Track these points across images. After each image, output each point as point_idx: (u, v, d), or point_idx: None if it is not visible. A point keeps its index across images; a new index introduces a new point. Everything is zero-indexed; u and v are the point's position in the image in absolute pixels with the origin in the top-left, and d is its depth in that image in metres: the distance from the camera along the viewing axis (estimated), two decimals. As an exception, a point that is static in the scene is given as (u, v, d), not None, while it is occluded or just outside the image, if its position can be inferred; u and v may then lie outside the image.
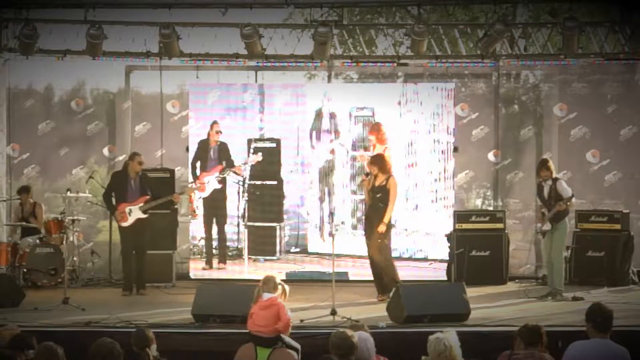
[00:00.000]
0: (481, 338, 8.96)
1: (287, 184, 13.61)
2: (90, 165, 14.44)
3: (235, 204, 13.53)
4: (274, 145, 13.55)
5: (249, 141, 13.49)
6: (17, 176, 14.29)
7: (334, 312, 9.97)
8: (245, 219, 13.53)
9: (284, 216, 13.64)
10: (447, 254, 13.10)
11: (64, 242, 12.52)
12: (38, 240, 12.78)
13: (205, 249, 13.57)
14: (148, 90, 14.73)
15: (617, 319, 6.84)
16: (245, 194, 13.50)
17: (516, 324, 7.73)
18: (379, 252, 11.48)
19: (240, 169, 13.29)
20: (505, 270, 13.06)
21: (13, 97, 14.31)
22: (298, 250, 13.65)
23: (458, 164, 13.62)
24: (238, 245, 13.63)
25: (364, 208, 12.41)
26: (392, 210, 11.45)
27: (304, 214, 13.70)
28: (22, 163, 14.37)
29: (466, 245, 12.91)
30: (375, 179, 11.50)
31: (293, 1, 13.38)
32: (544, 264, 12.48)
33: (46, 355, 5.74)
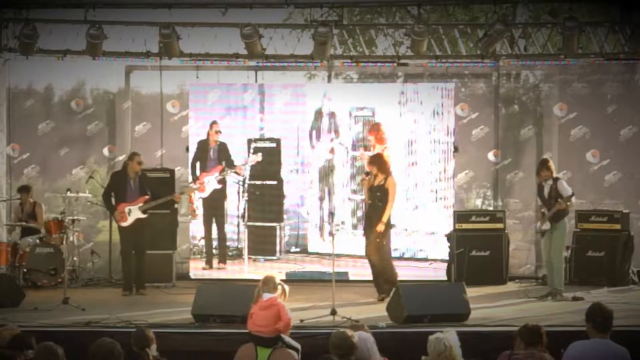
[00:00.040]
0: (481, 338, 8.96)
1: (287, 184, 13.61)
2: (90, 165, 14.43)
3: (235, 204, 13.54)
4: (274, 145, 13.54)
5: (249, 141, 13.49)
6: (17, 176, 14.28)
7: (334, 312, 9.96)
8: (245, 218, 13.53)
9: (284, 216, 13.64)
10: (447, 254, 13.10)
11: (64, 242, 12.52)
12: (38, 240, 12.77)
13: (205, 249, 13.57)
14: (148, 90, 14.73)
15: (617, 319, 6.84)
16: (245, 193, 13.51)
17: (516, 324, 7.72)
18: (376, 252, 11.48)
19: (241, 169, 13.29)
20: (505, 270, 13.06)
21: (13, 97, 14.30)
22: (298, 250, 13.65)
23: (458, 164, 13.61)
24: (238, 245, 13.63)
25: (364, 208, 12.41)
26: (391, 210, 11.45)
27: (304, 214, 13.70)
28: (22, 163, 14.36)
29: (466, 245, 12.90)
30: (374, 179, 11.51)
31: (293, 1, 13.38)
32: (543, 264, 12.47)
33: (46, 355, 5.73)
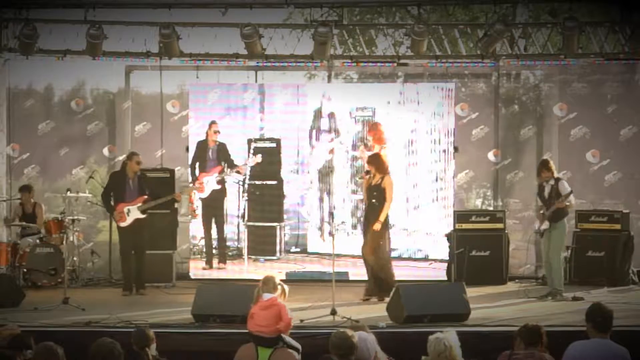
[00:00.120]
0: (481, 338, 8.96)
1: (287, 184, 13.61)
2: (90, 165, 14.43)
3: (235, 204, 13.54)
4: (274, 145, 13.54)
5: (249, 141, 13.49)
6: (17, 176, 14.28)
7: (334, 312, 9.96)
8: (245, 218, 13.53)
9: (284, 216, 13.64)
10: (447, 253, 13.10)
11: (64, 242, 12.52)
12: (38, 240, 12.77)
13: (205, 249, 13.57)
14: (148, 90, 14.73)
15: (617, 319, 6.83)
16: (245, 194, 13.50)
17: (516, 324, 7.71)
18: (372, 252, 11.47)
19: (243, 169, 13.29)
20: (505, 270, 13.06)
21: (13, 97, 14.30)
22: (298, 250, 13.65)
23: (458, 163, 13.61)
24: (238, 245, 13.63)
25: (364, 207, 12.41)
26: (388, 209, 11.44)
27: (304, 214, 13.70)
28: (22, 163, 14.36)
29: (466, 245, 12.90)
30: (372, 178, 11.52)
31: (293, 1, 13.38)
32: (543, 264, 12.47)
33: (46, 355, 5.72)
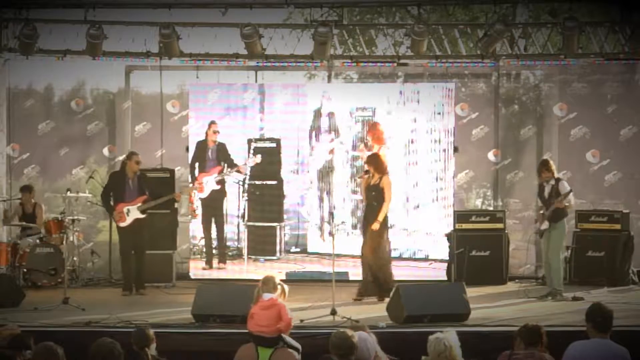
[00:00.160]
0: (481, 338, 8.96)
1: (287, 184, 13.61)
2: (90, 165, 14.42)
3: (235, 204, 13.53)
4: (274, 145, 13.54)
5: (249, 141, 13.49)
6: (17, 176, 14.29)
7: (334, 312, 9.96)
8: (245, 218, 13.53)
9: (284, 216, 13.64)
10: (447, 253, 13.10)
11: (64, 242, 12.52)
12: (38, 240, 12.77)
13: (205, 249, 13.57)
14: (148, 90, 14.73)
15: (617, 319, 6.83)
16: (245, 194, 13.50)
17: (516, 324, 7.71)
18: (371, 252, 11.47)
19: (243, 168, 13.29)
20: (505, 270, 13.06)
21: (13, 97, 14.30)
22: (298, 250, 13.65)
23: (458, 163, 13.60)
24: (238, 245, 13.63)
25: (363, 207, 12.41)
26: (387, 209, 11.43)
27: (304, 214, 13.70)
28: (22, 163, 14.36)
29: (466, 245, 12.90)
30: (371, 178, 11.52)
31: (293, 1, 13.39)
32: (543, 264, 12.47)
33: (46, 355, 5.71)
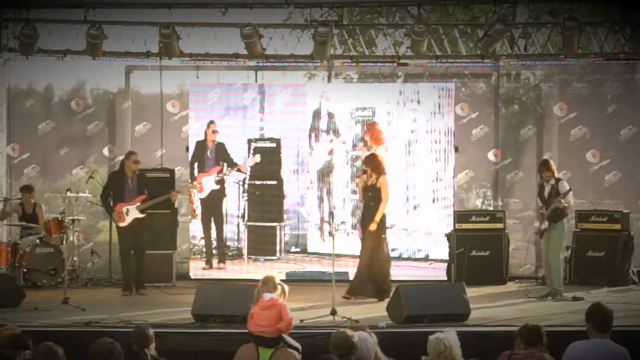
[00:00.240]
0: (481, 338, 8.95)
1: (287, 184, 13.61)
2: (90, 165, 14.42)
3: (235, 204, 13.53)
4: (274, 145, 13.54)
5: (249, 141, 13.49)
6: (17, 176, 14.28)
7: (334, 312, 9.96)
8: (245, 218, 13.53)
9: (284, 216, 13.64)
10: (447, 253, 13.10)
11: (64, 242, 12.52)
12: (38, 240, 12.77)
13: (204, 249, 13.57)
14: (148, 90, 14.73)
15: (617, 319, 6.84)
16: (245, 193, 13.50)
17: (516, 324, 7.71)
18: (367, 253, 11.46)
19: (243, 168, 13.29)
20: (505, 270, 13.06)
21: (13, 97, 14.30)
22: (298, 250, 13.65)
23: (458, 163, 13.60)
24: (238, 245, 13.63)
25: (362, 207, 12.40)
26: (384, 210, 11.43)
27: (304, 214, 13.70)
28: (22, 163, 14.36)
29: (466, 245, 12.89)
30: (368, 178, 11.52)
31: (293, 1, 13.39)
32: (543, 264, 12.47)
33: (46, 355, 5.72)
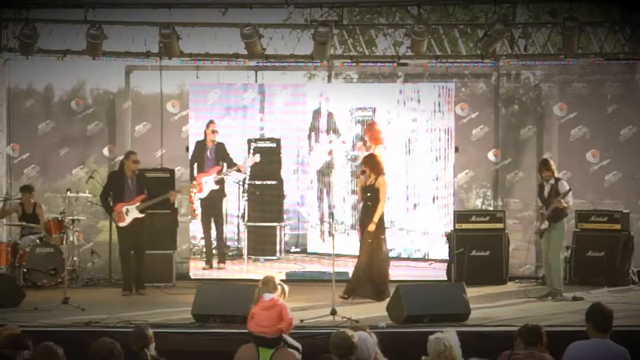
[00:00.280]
0: (481, 338, 8.95)
1: (287, 184, 13.60)
2: (90, 165, 14.42)
3: (235, 204, 13.53)
4: (274, 145, 13.54)
5: (249, 141, 13.49)
6: (17, 176, 14.29)
7: (334, 312, 9.96)
8: (245, 218, 13.53)
9: (284, 216, 13.64)
10: (447, 253, 13.10)
11: (64, 242, 12.52)
12: (38, 240, 12.77)
13: (204, 249, 13.57)
14: (148, 90, 14.73)
15: (617, 319, 6.84)
16: (245, 194, 13.50)
17: (516, 324, 7.71)
18: (366, 253, 11.46)
19: (243, 167, 13.29)
20: (505, 270, 13.06)
21: (13, 97, 14.30)
22: (298, 250, 13.65)
23: (458, 163, 13.60)
24: (238, 245, 13.63)
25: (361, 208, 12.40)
26: (382, 210, 11.44)
27: (304, 214, 13.70)
28: (22, 163, 14.36)
29: (466, 245, 12.89)
30: (367, 179, 11.53)
31: (293, 1, 13.39)
32: (543, 264, 12.48)
33: (46, 355, 5.72)
